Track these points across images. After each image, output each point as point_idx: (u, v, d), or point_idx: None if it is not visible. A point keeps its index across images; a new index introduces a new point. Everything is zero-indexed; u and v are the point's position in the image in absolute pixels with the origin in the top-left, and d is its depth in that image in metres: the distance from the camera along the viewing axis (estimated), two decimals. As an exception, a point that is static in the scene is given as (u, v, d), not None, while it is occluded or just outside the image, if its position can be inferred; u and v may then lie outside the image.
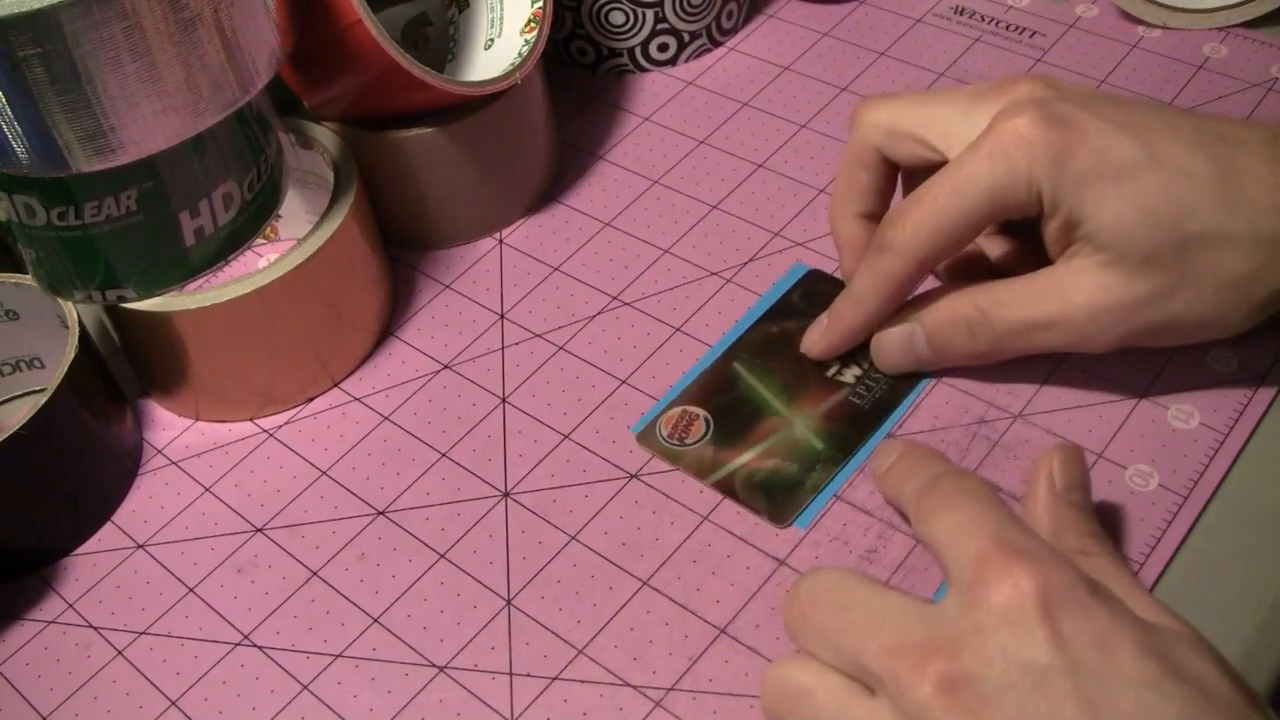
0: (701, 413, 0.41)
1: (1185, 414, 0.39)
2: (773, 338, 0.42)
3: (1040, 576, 0.27)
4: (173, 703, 0.37)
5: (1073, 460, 0.34)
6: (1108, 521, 0.37)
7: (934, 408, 0.41)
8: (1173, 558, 0.36)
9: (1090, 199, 0.35)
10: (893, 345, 0.40)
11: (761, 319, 0.43)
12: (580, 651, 0.36)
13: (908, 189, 0.41)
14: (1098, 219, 0.35)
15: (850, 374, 0.40)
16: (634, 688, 0.36)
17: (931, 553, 0.31)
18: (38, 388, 0.46)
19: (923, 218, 0.36)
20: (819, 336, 0.41)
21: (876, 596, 0.30)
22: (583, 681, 0.36)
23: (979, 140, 0.36)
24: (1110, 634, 0.27)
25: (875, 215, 0.41)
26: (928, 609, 0.29)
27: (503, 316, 0.46)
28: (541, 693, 0.36)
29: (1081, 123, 0.35)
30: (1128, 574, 0.32)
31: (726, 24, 0.55)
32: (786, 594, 0.32)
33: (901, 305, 0.39)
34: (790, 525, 0.38)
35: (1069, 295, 0.36)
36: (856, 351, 0.41)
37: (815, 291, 0.43)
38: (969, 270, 0.41)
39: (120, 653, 0.38)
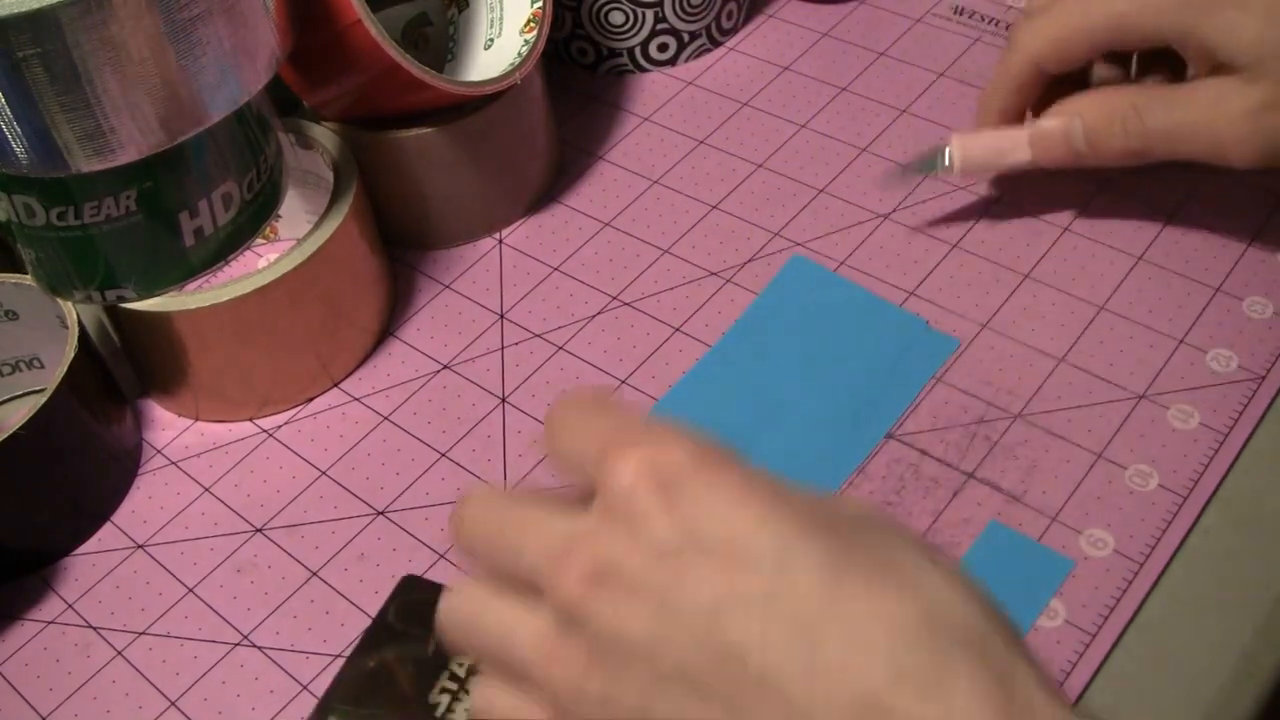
0: None
1: (1185, 414, 0.39)
2: (371, 675, 0.36)
3: (653, 456, 0.26)
4: (172, 703, 0.37)
5: None
6: (1108, 522, 0.37)
7: (934, 408, 0.41)
8: (1173, 558, 0.36)
9: (1221, 24, 0.38)
10: (1054, 136, 0.42)
11: (357, 650, 0.36)
12: (580, 651, 0.36)
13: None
14: (1233, 41, 0.38)
15: (461, 711, 0.35)
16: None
17: (565, 473, 0.29)
18: (37, 388, 0.46)
19: (1045, 27, 0.41)
20: (975, 122, 0.46)
21: (529, 506, 0.28)
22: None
23: None
24: (735, 495, 0.25)
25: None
26: (574, 513, 0.27)
27: (502, 316, 0.46)
28: (541, 693, 0.36)
29: None
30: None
31: (726, 24, 0.55)
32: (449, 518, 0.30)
33: (1064, 101, 0.42)
34: None
35: (1217, 104, 0.39)
36: (466, 688, 0.35)
37: (412, 604, 0.37)
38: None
39: (120, 653, 0.38)
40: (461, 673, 0.36)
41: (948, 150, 0.44)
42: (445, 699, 0.35)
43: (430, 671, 0.36)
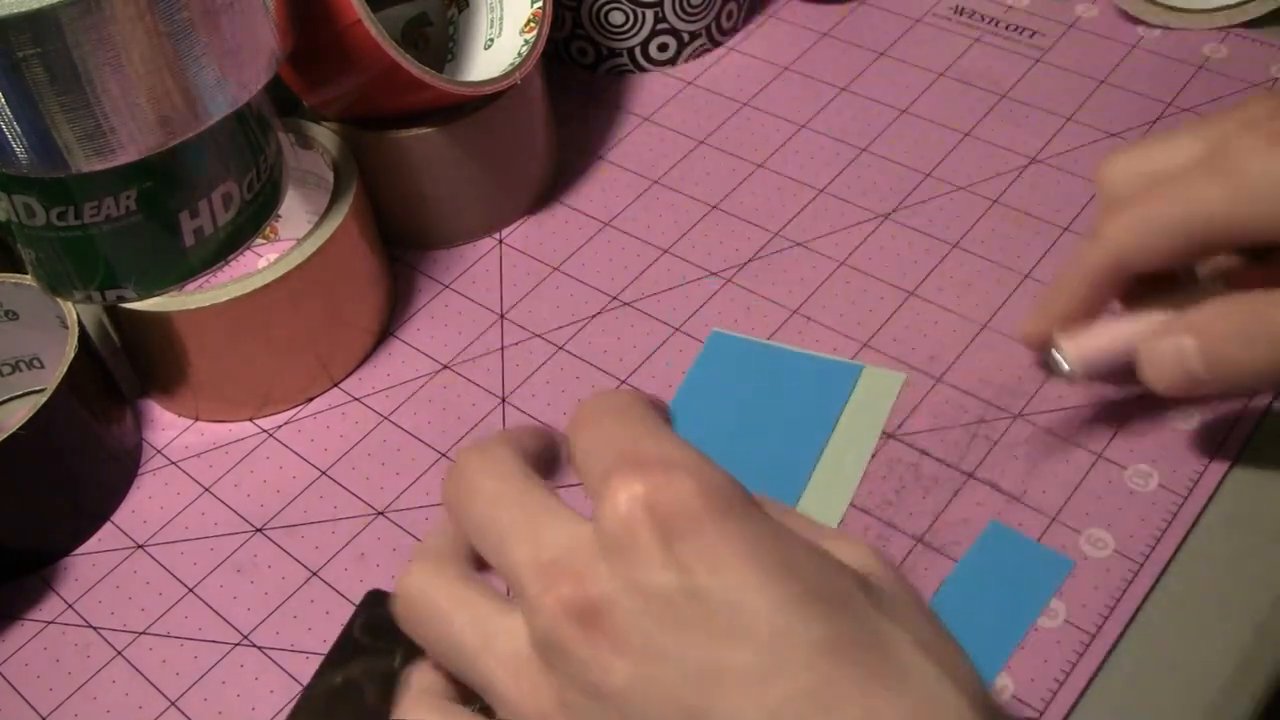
0: None
1: (1185, 413, 0.39)
2: (337, 691, 0.35)
3: (660, 488, 0.24)
4: (172, 703, 0.37)
5: None
6: (1108, 522, 0.37)
7: (934, 407, 0.41)
8: (1172, 558, 0.36)
9: None
10: (1163, 360, 0.35)
11: (323, 667, 0.35)
12: (580, 651, 0.36)
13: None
14: None
15: None
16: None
17: (581, 480, 0.27)
18: (38, 388, 0.46)
19: (1130, 221, 0.34)
20: (1028, 320, 0.38)
21: (526, 491, 0.26)
22: (582, 681, 0.36)
23: (1212, 157, 0.33)
24: (739, 551, 0.24)
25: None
26: (576, 525, 0.25)
27: (502, 316, 0.46)
28: (541, 693, 0.36)
29: None
30: (797, 514, 0.29)
31: (726, 24, 0.55)
32: (448, 466, 0.28)
33: (1176, 317, 0.35)
34: None
35: None
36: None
37: (379, 618, 0.36)
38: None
39: (120, 653, 0.38)
40: None
41: (1058, 355, 0.37)
42: None
43: (398, 685, 0.36)
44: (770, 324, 0.44)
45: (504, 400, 0.43)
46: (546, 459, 0.29)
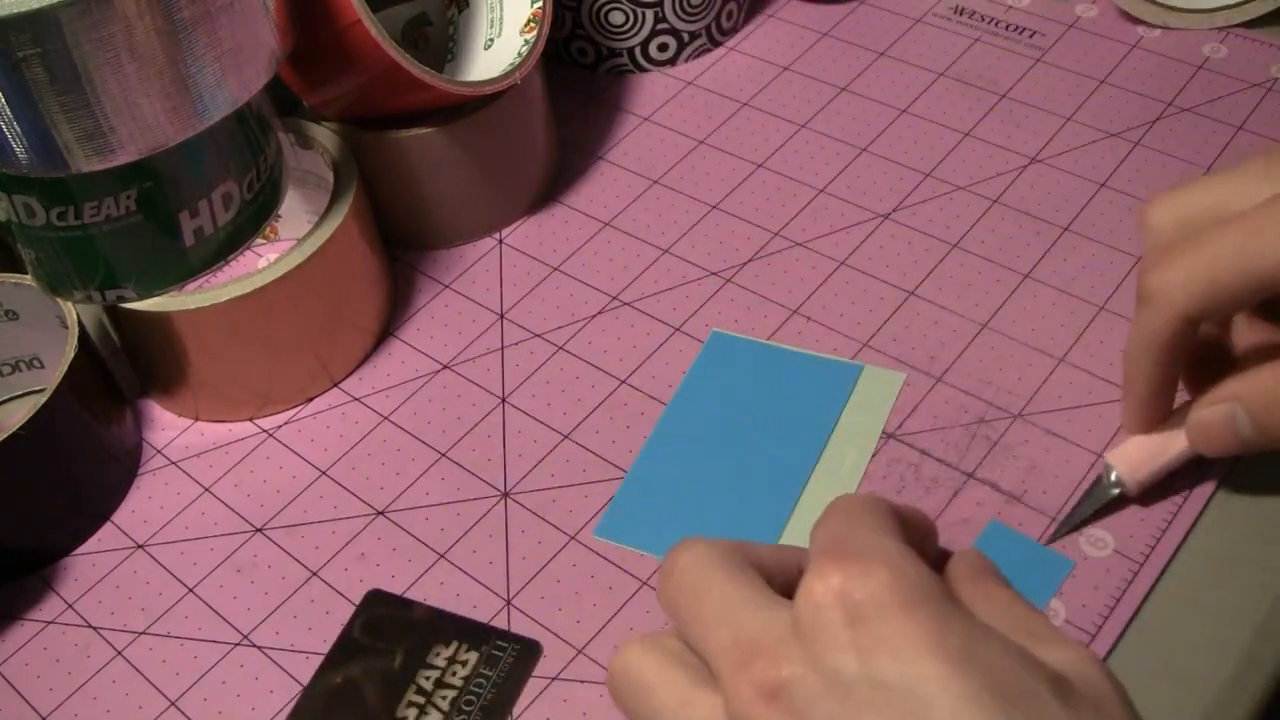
0: None
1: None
2: (337, 691, 0.36)
3: (855, 578, 0.25)
4: (172, 703, 0.37)
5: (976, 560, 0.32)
6: (1108, 522, 0.37)
7: (934, 407, 0.41)
8: (1173, 558, 0.36)
9: None
10: (1214, 428, 0.34)
11: (323, 667, 0.36)
12: (580, 651, 0.36)
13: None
14: None
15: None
16: (634, 688, 0.36)
17: None
18: (38, 388, 0.46)
19: (1191, 268, 0.31)
20: (1126, 412, 0.36)
21: (732, 584, 0.28)
22: (582, 681, 0.36)
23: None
24: (923, 641, 0.25)
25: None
26: (774, 608, 0.27)
27: (502, 316, 0.46)
28: (541, 693, 0.36)
29: None
30: (1020, 601, 0.30)
31: (726, 24, 0.55)
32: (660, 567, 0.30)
33: (1222, 384, 0.34)
34: None
35: None
36: (433, 701, 0.35)
37: (378, 619, 0.37)
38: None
39: (120, 653, 0.38)
40: (428, 686, 0.36)
41: (1114, 474, 0.37)
42: (413, 712, 0.35)
43: (397, 685, 0.36)
44: (770, 324, 0.44)
45: (504, 400, 0.43)
46: (785, 570, 0.30)
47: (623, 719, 0.30)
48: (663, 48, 0.54)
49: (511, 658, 0.36)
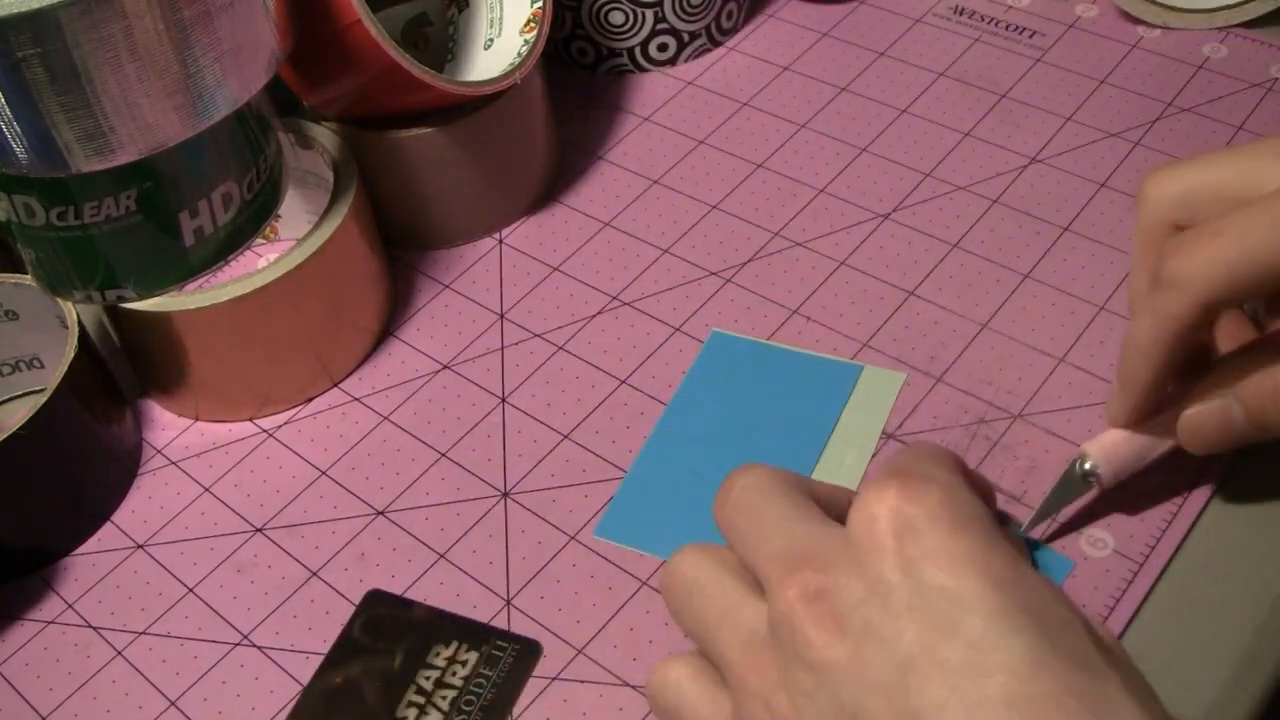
0: None
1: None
2: (337, 692, 0.36)
3: (909, 497, 0.26)
4: (172, 703, 0.37)
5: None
6: (1108, 522, 0.37)
7: (934, 407, 0.41)
8: (1172, 558, 0.36)
9: None
10: (1208, 423, 0.34)
11: (323, 668, 0.37)
12: (580, 651, 0.36)
13: None
14: None
15: None
16: (633, 687, 0.36)
17: None
18: (38, 388, 0.46)
19: (1219, 252, 0.30)
20: (1117, 404, 0.35)
21: (791, 505, 0.29)
22: (582, 681, 0.36)
23: None
24: (965, 558, 0.25)
25: None
26: (830, 527, 0.28)
27: (502, 316, 0.46)
28: (541, 693, 0.36)
29: None
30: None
31: (726, 24, 0.55)
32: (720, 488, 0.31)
33: (1210, 378, 0.34)
34: None
35: None
36: (433, 700, 0.35)
37: (378, 618, 0.37)
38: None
39: (119, 653, 0.38)
40: (428, 686, 0.36)
41: (1088, 464, 0.36)
42: (413, 712, 0.35)
43: (397, 685, 0.36)
44: (770, 324, 0.44)
45: (504, 400, 0.43)
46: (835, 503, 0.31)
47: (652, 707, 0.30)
48: (663, 48, 0.54)
49: (511, 658, 0.36)
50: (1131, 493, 0.38)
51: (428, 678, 0.36)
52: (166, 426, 0.44)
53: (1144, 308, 0.33)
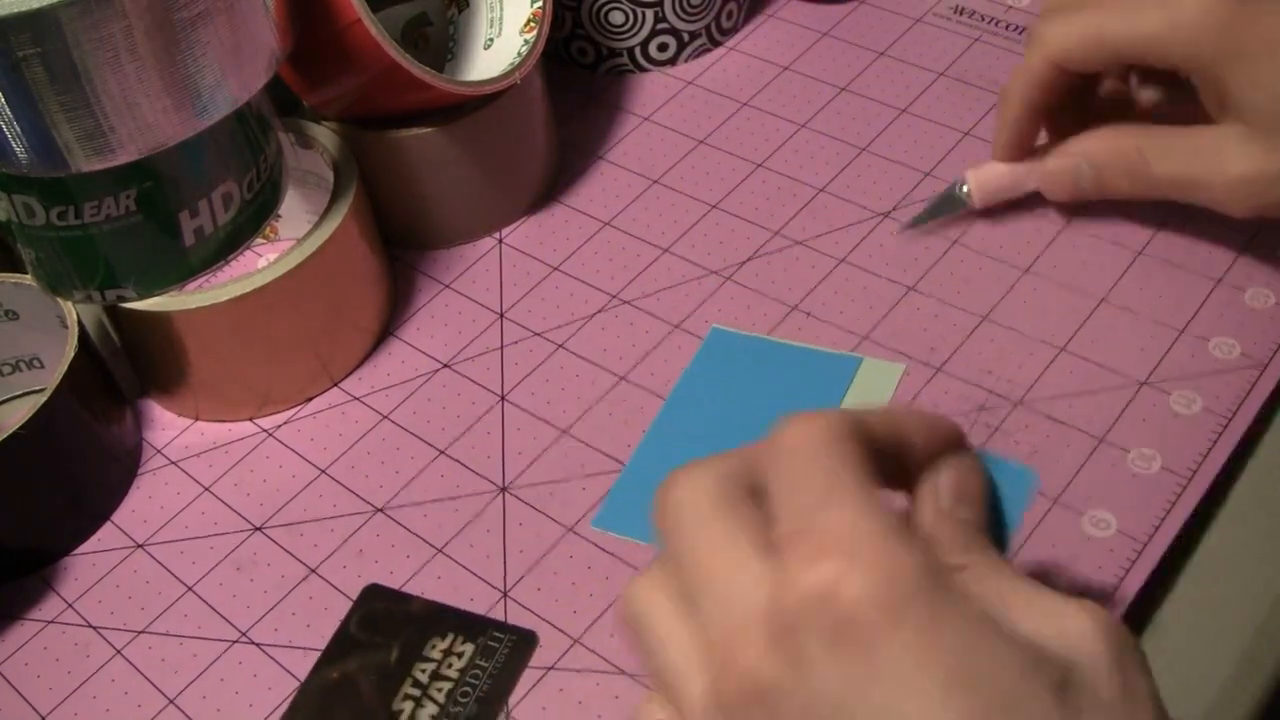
0: None
1: (1187, 400, 0.39)
2: (334, 687, 0.36)
3: (841, 576, 0.23)
4: (171, 701, 0.37)
5: (967, 473, 0.29)
6: (1110, 504, 0.37)
7: (934, 397, 0.41)
8: (1173, 557, 0.36)
9: (1246, 76, 0.37)
10: (1060, 178, 0.43)
11: (320, 663, 0.36)
12: (576, 641, 0.36)
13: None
14: (1253, 97, 0.37)
15: (425, 718, 0.34)
16: (629, 675, 0.35)
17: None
18: (38, 388, 0.46)
19: (1073, 25, 0.39)
20: (996, 140, 0.44)
21: (720, 530, 0.26)
22: (578, 670, 0.36)
23: None
24: (915, 661, 0.23)
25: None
26: (765, 565, 0.25)
27: (502, 316, 0.46)
28: (537, 683, 0.36)
29: (1261, 3, 0.37)
30: (1009, 578, 0.26)
31: (726, 24, 0.55)
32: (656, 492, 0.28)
33: (1072, 140, 0.42)
34: None
35: (1217, 160, 0.39)
36: (429, 694, 0.35)
37: (375, 613, 0.37)
38: (1120, 113, 0.43)
39: (119, 652, 0.38)
40: (424, 679, 0.36)
41: (964, 186, 0.45)
42: (409, 705, 0.35)
43: (393, 679, 0.36)
44: (769, 321, 0.44)
45: (503, 399, 0.43)
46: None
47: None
48: (663, 47, 0.54)
49: (507, 648, 0.36)
50: (1134, 476, 0.37)
51: (424, 670, 0.36)
52: (166, 426, 0.44)
53: (1017, 67, 0.42)
